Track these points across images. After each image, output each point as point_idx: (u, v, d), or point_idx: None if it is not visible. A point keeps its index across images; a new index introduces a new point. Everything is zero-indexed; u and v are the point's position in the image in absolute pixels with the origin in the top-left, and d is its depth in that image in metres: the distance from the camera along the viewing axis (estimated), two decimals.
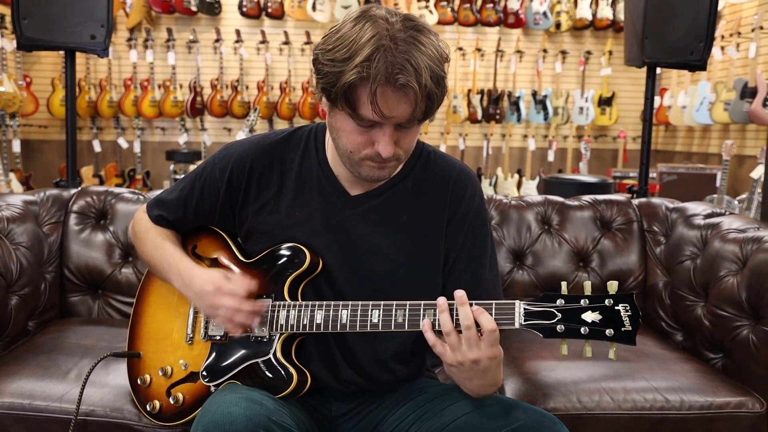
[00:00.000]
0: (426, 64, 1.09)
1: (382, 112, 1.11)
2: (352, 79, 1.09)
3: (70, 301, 2.03)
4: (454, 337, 1.11)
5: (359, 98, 1.12)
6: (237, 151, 1.38)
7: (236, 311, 1.25)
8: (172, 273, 1.37)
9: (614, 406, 1.56)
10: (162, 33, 5.91)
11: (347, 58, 1.10)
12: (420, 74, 1.09)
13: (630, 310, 1.07)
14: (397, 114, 1.13)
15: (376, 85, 1.09)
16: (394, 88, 1.09)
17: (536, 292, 2.10)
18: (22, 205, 2.00)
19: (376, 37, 1.09)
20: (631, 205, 2.22)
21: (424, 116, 1.16)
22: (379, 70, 1.08)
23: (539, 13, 5.88)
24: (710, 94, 5.06)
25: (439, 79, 1.12)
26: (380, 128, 1.16)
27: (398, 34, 1.10)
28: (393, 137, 1.17)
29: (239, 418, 1.07)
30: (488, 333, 1.09)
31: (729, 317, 1.77)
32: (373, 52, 1.08)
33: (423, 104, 1.13)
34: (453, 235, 1.34)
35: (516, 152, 6.39)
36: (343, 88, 1.11)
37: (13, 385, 1.50)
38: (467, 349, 1.10)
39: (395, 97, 1.11)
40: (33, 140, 5.94)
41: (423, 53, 1.10)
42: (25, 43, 2.38)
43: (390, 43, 1.09)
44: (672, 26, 2.60)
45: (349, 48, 1.10)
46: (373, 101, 1.10)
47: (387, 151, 1.17)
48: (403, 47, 1.09)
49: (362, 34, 1.10)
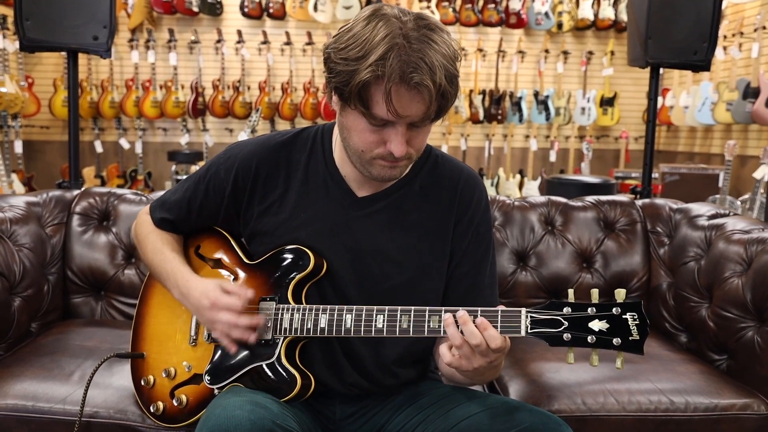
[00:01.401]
0: (440, 63, 1.09)
1: (396, 111, 1.11)
2: (367, 77, 1.09)
3: (73, 302, 2.03)
4: (467, 349, 1.10)
5: (373, 97, 1.11)
6: (242, 152, 1.38)
7: (233, 327, 1.24)
8: (171, 283, 1.36)
9: (619, 407, 1.55)
10: (163, 33, 5.91)
11: (361, 56, 1.09)
12: (434, 73, 1.08)
13: (638, 319, 1.06)
14: (411, 113, 1.13)
15: (391, 84, 1.08)
16: (409, 87, 1.09)
17: (539, 293, 2.10)
18: (25, 207, 1.99)
19: (390, 36, 1.08)
20: (635, 206, 2.21)
21: (437, 115, 1.16)
22: (393, 69, 1.07)
23: (541, 13, 5.87)
24: (712, 95, 5.05)
25: (453, 78, 1.12)
26: (393, 127, 1.16)
27: (411, 33, 1.09)
28: (405, 136, 1.17)
29: (243, 422, 1.07)
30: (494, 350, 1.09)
31: (734, 318, 1.76)
32: (387, 51, 1.07)
33: (437, 103, 1.12)
34: (458, 239, 1.34)
35: (518, 152, 6.38)
36: (357, 87, 1.10)
37: (17, 386, 1.50)
38: (481, 357, 1.10)
39: (409, 95, 1.10)
40: (35, 141, 5.94)
41: (437, 51, 1.09)
42: (28, 44, 2.38)
43: (404, 42, 1.08)
44: (675, 26, 2.60)
45: (363, 47, 1.09)
46: (388, 100, 1.10)
47: (399, 151, 1.16)
48: (417, 46, 1.08)
49: (375, 33, 1.09)
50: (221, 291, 1.26)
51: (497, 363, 1.15)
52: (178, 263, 1.37)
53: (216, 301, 1.25)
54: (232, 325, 1.24)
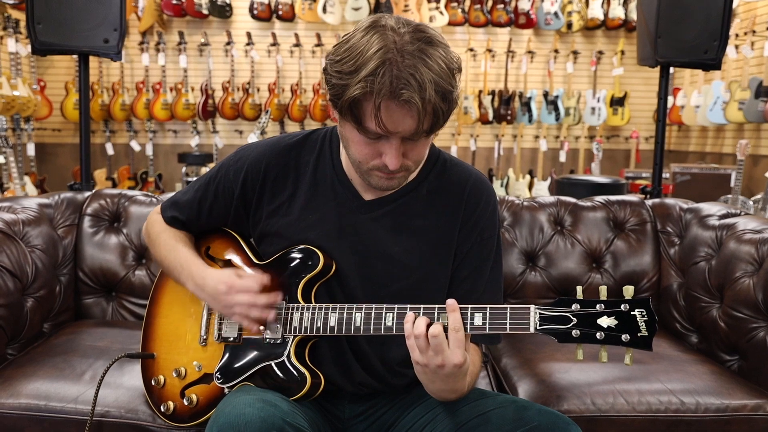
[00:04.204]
0: (431, 78, 1.08)
1: (386, 126, 1.11)
2: (357, 93, 1.09)
3: (85, 303, 2.05)
4: (423, 341, 1.11)
5: (364, 112, 1.12)
6: (252, 154, 1.39)
7: (251, 306, 1.26)
8: (185, 276, 1.37)
9: (629, 408, 1.55)
10: (174, 36, 5.95)
11: (353, 71, 1.09)
12: (424, 89, 1.07)
13: (646, 315, 1.06)
14: (401, 128, 1.12)
15: (380, 100, 1.08)
16: (398, 103, 1.08)
17: (549, 293, 2.09)
18: (37, 208, 2.01)
19: (383, 50, 1.08)
20: (645, 206, 2.20)
21: (430, 130, 1.15)
22: (383, 85, 1.07)
23: (550, 13, 5.85)
24: (724, 94, 5.01)
25: (446, 94, 1.11)
26: (387, 140, 1.16)
27: (406, 47, 1.09)
28: (400, 149, 1.16)
29: (253, 420, 1.07)
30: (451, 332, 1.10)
31: (745, 319, 1.75)
32: (378, 66, 1.07)
33: (428, 119, 1.12)
34: (461, 242, 1.34)
35: (527, 153, 6.37)
36: (348, 102, 1.11)
37: (30, 386, 1.52)
38: (433, 354, 1.10)
39: (399, 111, 1.10)
40: (47, 144, 6.00)
41: (429, 67, 1.08)
42: (39, 48, 2.40)
43: (396, 57, 1.08)
44: (685, 25, 2.58)
45: (356, 61, 1.09)
46: (377, 115, 1.10)
47: (393, 164, 1.17)
48: (409, 61, 1.08)
49: (369, 47, 1.09)
50: (236, 276, 1.29)
51: (449, 374, 1.12)
52: (192, 257, 1.39)
53: (233, 284, 1.27)
54: (251, 304, 1.26)
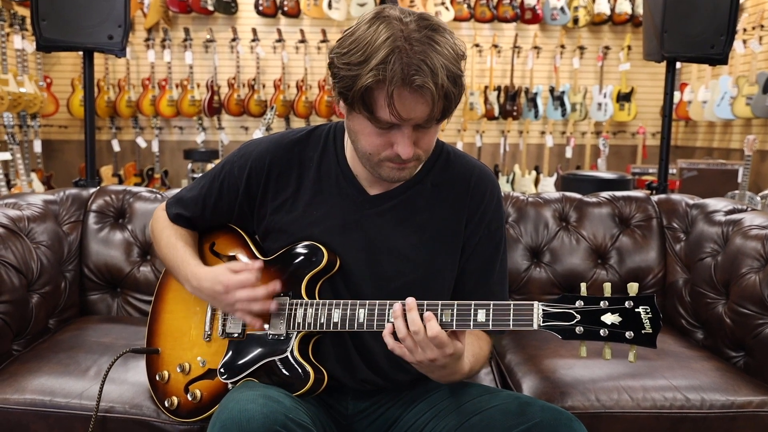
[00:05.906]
0: (442, 64, 1.09)
1: (399, 114, 1.11)
2: (369, 82, 1.09)
3: (90, 299, 2.06)
4: (410, 341, 1.12)
5: (376, 101, 1.12)
6: (256, 150, 1.39)
7: (251, 301, 1.26)
8: (182, 276, 1.38)
9: (633, 404, 1.54)
10: (179, 33, 5.96)
11: (363, 61, 1.09)
12: (436, 74, 1.08)
13: (650, 312, 1.05)
14: (414, 115, 1.13)
15: (393, 87, 1.08)
16: (411, 90, 1.09)
17: (554, 289, 2.09)
18: (42, 205, 2.02)
19: (391, 39, 1.08)
20: (650, 202, 2.19)
21: (442, 116, 1.15)
22: (395, 72, 1.07)
23: (556, 8, 5.83)
24: (732, 89, 4.98)
25: (456, 78, 1.12)
26: (398, 130, 1.16)
27: (413, 35, 1.09)
28: (412, 138, 1.17)
29: (256, 416, 1.07)
30: (431, 338, 1.10)
31: (751, 315, 1.74)
32: (389, 54, 1.07)
33: (441, 104, 1.12)
34: (469, 235, 1.34)
35: (533, 149, 6.35)
36: (359, 92, 1.11)
37: (35, 382, 1.52)
38: (422, 351, 1.11)
39: (412, 98, 1.10)
40: (54, 140, 6.02)
41: (438, 53, 1.09)
42: (44, 44, 2.41)
43: (405, 44, 1.08)
44: (692, 20, 2.57)
45: (364, 51, 1.09)
46: (391, 104, 1.10)
47: (406, 153, 1.17)
48: (419, 48, 1.08)
49: (377, 36, 1.09)
50: (231, 272, 1.28)
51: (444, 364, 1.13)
52: (188, 257, 1.39)
53: (228, 282, 1.27)
54: (251, 299, 1.26)
